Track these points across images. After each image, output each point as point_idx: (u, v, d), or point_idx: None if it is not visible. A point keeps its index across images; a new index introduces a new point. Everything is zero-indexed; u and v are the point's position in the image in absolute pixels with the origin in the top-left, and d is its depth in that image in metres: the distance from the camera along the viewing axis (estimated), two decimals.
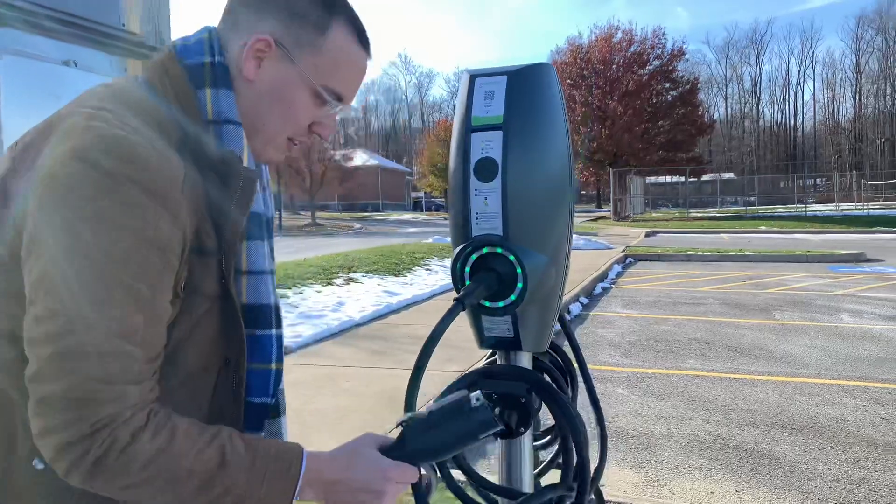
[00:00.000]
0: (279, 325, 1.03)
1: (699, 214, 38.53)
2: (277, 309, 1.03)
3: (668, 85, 39.44)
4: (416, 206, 68.85)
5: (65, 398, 0.76)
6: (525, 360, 1.49)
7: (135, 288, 0.80)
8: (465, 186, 1.36)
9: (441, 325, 1.19)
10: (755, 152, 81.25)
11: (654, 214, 38.32)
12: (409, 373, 1.10)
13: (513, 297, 1.33)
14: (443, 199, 63.93)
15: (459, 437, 0.98)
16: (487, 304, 1.37)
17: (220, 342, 0.95)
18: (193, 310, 0.90)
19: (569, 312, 8.65)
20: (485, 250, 1.34)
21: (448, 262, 13.32)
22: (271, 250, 1.11)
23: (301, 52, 0.99)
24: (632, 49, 39.06)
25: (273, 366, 1.02)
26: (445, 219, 47.46)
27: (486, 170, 1.34)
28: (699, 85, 44.02)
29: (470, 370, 1.43)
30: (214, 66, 0.97)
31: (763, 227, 27.47)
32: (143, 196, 0.80)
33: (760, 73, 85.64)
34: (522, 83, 1.37)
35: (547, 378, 1.63)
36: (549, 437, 1.62)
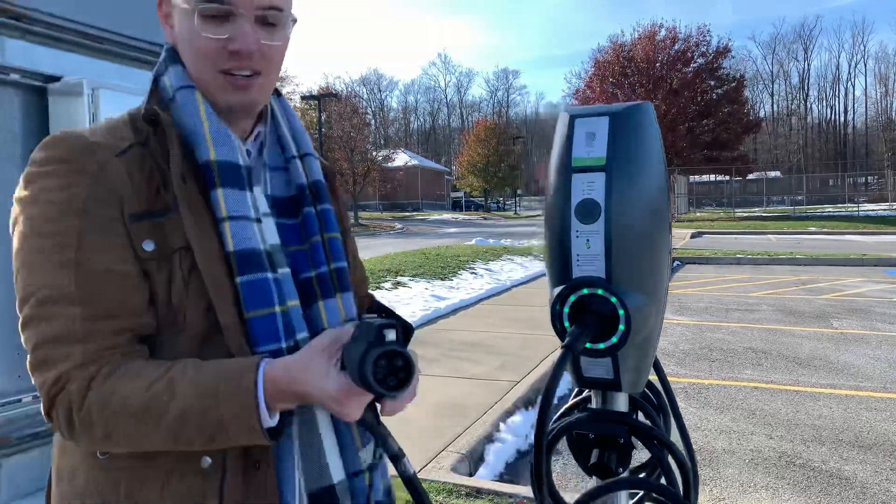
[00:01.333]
0: (274, 269, 0.97)
1: (745, 214, 37.71)
2: (270, 255, 0.98)
3: (713, 83, 38.57)
4: (456, 206, 68.91)
5: (29, 366, 0.86)
6: (622, 400, 1.48)
7: (58, 253, 0.85)
8: (566, 227, 1.35)
9: (554, 377, 1.18)
10: (803, 150, 79.15)
11: (698, 214, 37.60)
12: (465, 381, 1.03)
13: (614, 340, 1.32)
14: (482, 199, 63.85)
15: (361, 379, 0.82)
16: (588, 345, 1.36)
17: None
18: (179, 269, 0.90)
19: None
20: (584, 291, 1.33)
21: (493, 265, 13.33)
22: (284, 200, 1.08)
23: None
24: (676, 47, 38.30)
25: (277, 308, 0.95)
26: (485, 218, 47.45)
27: (588, 211, 1.33)
28: (745, 82, 43.01)
29: (568, 416, 1.42)
30: (165, 57, 1.02)
31: (812, 228, 26.75)
32: (59, 165, 0.89)
33: (809, 69, 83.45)
34: (624, 124, 1.36)
35: (642, 415, 1.63)
36: (644, 474, 1.60)
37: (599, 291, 1.31)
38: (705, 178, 47.08)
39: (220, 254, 0.92)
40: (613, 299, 1.30)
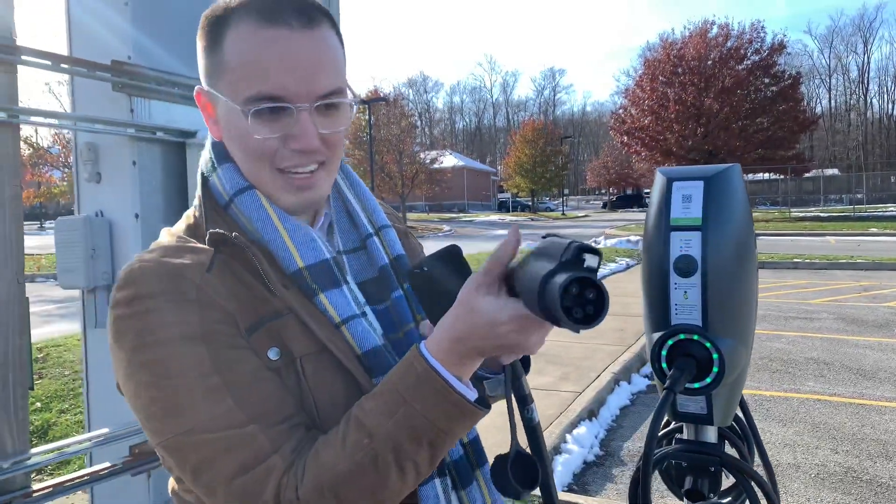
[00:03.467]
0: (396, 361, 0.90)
1: (801, 214, 36.75)
2: (387, 348, 0.93)
3: (767, 80, 37.68)
4: (502, 207, 68.82)
5: (231, 502, 0.79)
6: (712, 432, 1.63)
7: (200, 385, 0.79)
8: (665, 280, 1.51)
9: (657, 416, 1.35)
10: (862, 146, 76.50)
11: (752, 214, 36.57)
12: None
13: (708, 381, 1.47)
14: (528, 200, 63.65)
15: (543, 303, 0.70)
16: (685, 385, 1.51)
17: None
18: (303, 376, 0.86)
19: None
20: (681, 336, 1.49)
21: None
22: (377, 281, 1.01)
23: (217, 80, 0.89)
24: (728, 44, 37.56)
25: None
26: (532, 219, 47.32)
27: (685, 266, 1.49)
28: (801, 79, 41.81)
29: (665, 446, 1.58)
30: (211, 154, 0.96)
31: (874, 229, 25.91)
32: (154, 301, 0.81)
33: (869, 62, 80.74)
34: (717, 186, 1.51)
35: (729, 446, 1.77)
36: (730, 499, 1.75)
37: (695, 337, 1.47)
38: (758, 175, 45.98)
39: (355, 357, 0.89)
40: (708, 344, 1.46)
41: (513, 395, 0.94)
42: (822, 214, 36.67)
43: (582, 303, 0.69)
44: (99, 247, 2.06)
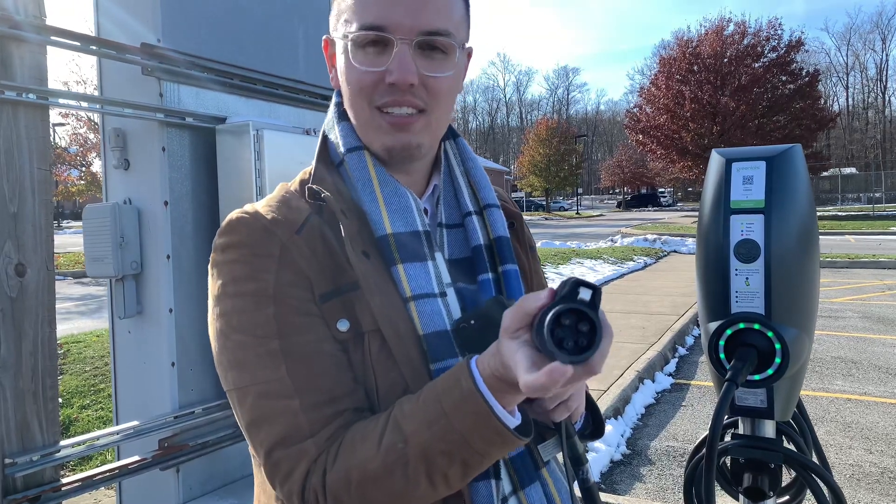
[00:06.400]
0: (463, 353, 0.87)
1: (819, 213, 36.35)
2: (455, 333, 0.88)
3: (784, 78, 37.21)
4: None
5: (268, 473, 0.81)
6: (770, 427, 1.56)
7: (262, 345, 0.81)
8: (725, 266, 1.43)
9: (720, 409, 1.27)
10: (881, 145, 75.62)
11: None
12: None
13: (770, 372, 1.40)
14: (543, 199, 63.45)
15: (537, 337, 0.70)
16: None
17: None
18: (370, 351, 0.84)
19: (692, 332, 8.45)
20: (741, 325, 1.41)
21: (563, 269, 13.32)
22: (469, 261, 0.98)
23: (337, 24, 0.92)
24: (745, 42, 37.12)
25: None
26: (546, 218, 47.17)
27: (747, 251, 1.41)
28: (819, 77, 41.27)
29: (722, 440, 1.51)
30: (333, 113, 0.99)
31: (894, 228, 25.57)
32: (241, 252, 0.84)
33: (887, 60, 79.67)
34: (780, 167, 1.43)
35: (789, 442, 1.69)
36: (787, 497, 1.67)
37: (756, 326, 1.39)
38: None
39: (414, 337, 0.86)
40: (770, 333, 1.38)
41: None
42: (840, 213, 36.26)
43: (576, 335, 0.69)
44: (127, 235, 2.00)
